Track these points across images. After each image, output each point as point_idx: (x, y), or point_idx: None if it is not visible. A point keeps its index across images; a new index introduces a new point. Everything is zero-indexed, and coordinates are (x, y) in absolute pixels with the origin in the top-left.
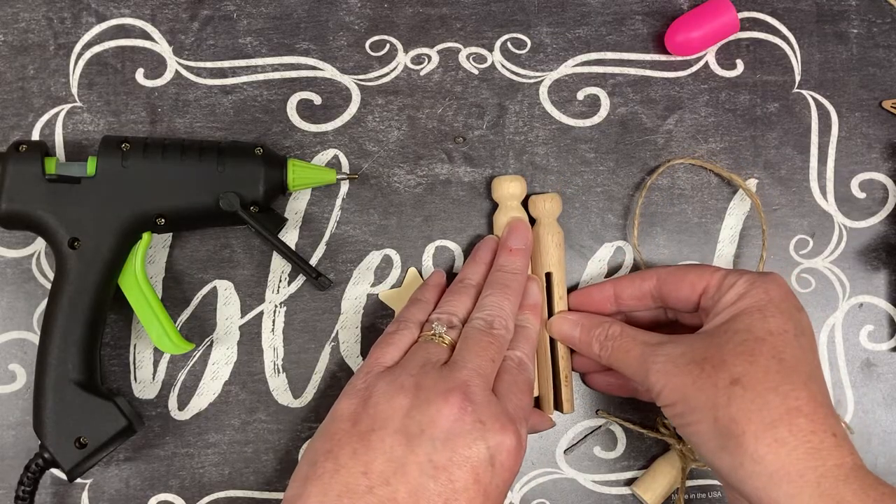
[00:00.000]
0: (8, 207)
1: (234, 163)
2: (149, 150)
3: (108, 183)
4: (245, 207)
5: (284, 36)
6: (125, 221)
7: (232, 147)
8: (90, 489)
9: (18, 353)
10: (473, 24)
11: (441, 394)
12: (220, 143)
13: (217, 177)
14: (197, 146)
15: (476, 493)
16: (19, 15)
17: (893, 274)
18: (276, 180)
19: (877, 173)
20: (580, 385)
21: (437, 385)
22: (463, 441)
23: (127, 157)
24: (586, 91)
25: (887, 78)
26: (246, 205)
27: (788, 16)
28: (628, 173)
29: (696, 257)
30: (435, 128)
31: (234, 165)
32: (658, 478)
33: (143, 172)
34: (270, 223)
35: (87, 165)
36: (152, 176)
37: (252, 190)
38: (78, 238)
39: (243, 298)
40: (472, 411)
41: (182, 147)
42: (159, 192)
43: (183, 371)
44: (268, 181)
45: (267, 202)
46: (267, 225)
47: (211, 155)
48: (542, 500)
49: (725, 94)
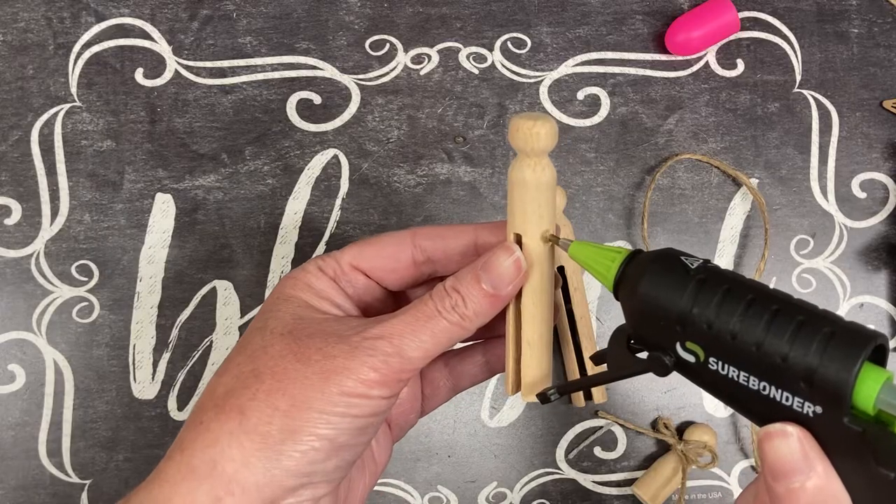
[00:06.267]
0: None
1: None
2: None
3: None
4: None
5: (284, 35)
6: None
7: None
8: (90, 489)
9: (18, 354)
10: (473, 24)
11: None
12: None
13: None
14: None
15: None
16: (18, 14)
17: (894, 274)
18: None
19: (877, 173)
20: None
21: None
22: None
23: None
24: (586, 91)
25: (888, 78)
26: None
27: (789, 15)
28: (628, 173)
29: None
30: (435, 127)
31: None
32: (658, 478)
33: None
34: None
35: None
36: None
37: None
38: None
39: (243, 298)
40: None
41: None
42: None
43: (182, 371)
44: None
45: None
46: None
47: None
48: (543, 500)
49: (726, 93)
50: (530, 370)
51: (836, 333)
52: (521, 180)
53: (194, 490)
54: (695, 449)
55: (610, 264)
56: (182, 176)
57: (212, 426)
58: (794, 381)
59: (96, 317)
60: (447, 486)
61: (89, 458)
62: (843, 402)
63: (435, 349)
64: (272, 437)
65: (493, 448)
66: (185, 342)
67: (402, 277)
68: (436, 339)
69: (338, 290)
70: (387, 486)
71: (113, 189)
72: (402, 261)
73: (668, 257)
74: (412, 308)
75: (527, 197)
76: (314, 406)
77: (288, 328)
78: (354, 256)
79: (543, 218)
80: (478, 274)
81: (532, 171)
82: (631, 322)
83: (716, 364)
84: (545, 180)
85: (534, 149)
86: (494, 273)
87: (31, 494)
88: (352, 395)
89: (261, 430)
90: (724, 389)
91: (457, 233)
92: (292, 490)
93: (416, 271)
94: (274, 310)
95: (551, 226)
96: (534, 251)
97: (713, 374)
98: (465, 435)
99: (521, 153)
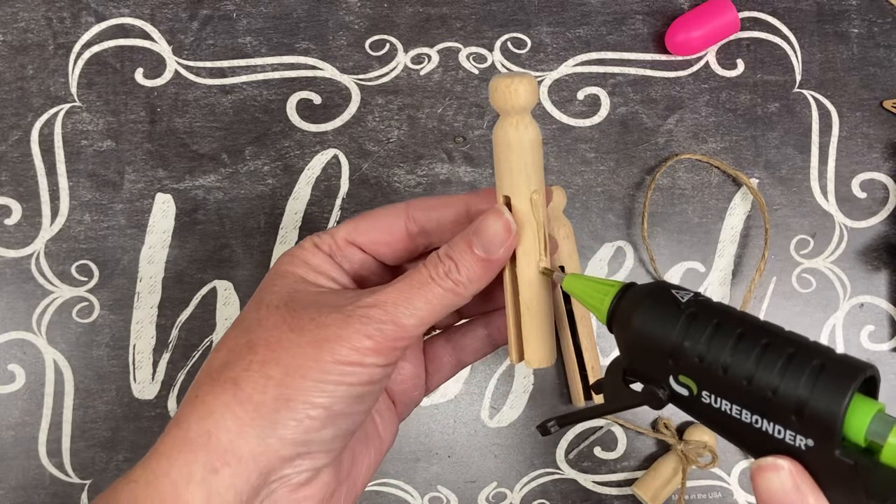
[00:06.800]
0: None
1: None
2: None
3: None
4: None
5: (284, 35)
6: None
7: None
8: (89, 489)
9: (18, 354)
10: (473, 24)
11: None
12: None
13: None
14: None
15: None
16: (18, 14)
17: (894, 274)
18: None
19: (877, 173)
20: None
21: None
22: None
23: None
24: (586, 91)
25: (888, 78)
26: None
27: (789, 15)
28: (628, 173)
29: (696, 257)
30: (435, 128)
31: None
32: (658, 478)
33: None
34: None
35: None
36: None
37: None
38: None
39: (243, 298)
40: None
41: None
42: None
43: (182, 371)
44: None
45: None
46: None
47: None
48: (543, 500)
49: (726, 93)
50: (532, 334)
51: (826, 366)
52: (504, 141)
53: (191, 462)
54: (695, 449)
55: (603, 297)
56: (182, 176)
57: (207, 399)
58: (784, 414)
59: (96, 317)
60: (447, 486)
61: (89, 458)
62: (834, 435)
63: (430, 316)
64: (266, 407)
65: (493, 448)
66: (185, 342)
67: (396, 250)
68: (430, 305)
69: (334, 265)
70: (387, 486)
71: (113, 189)
72: (396, 233)
73: (659, 291)
74: (406, 276)
75: (511, 157)
76: (308, 375)
77: (283, 301)
78: (349, 231)
79: (531, 178)
80: (470, 239)
81: (514, 129)
82: (625, 355)
83: (709, 397)
84: (528, 138)
85: (514, 106)
86: (485, 237)
87: (30, 494)
88: (345, 362)
89: (255, 400)
90: (718, 422)
91: (449, 202)
92: (289, 460)
93: (411, 243)
94: (270, 286)
95: (539, 185)
96: (523, 212)
97: (707, 407)
98: (465, 435)
99: (503, 113)
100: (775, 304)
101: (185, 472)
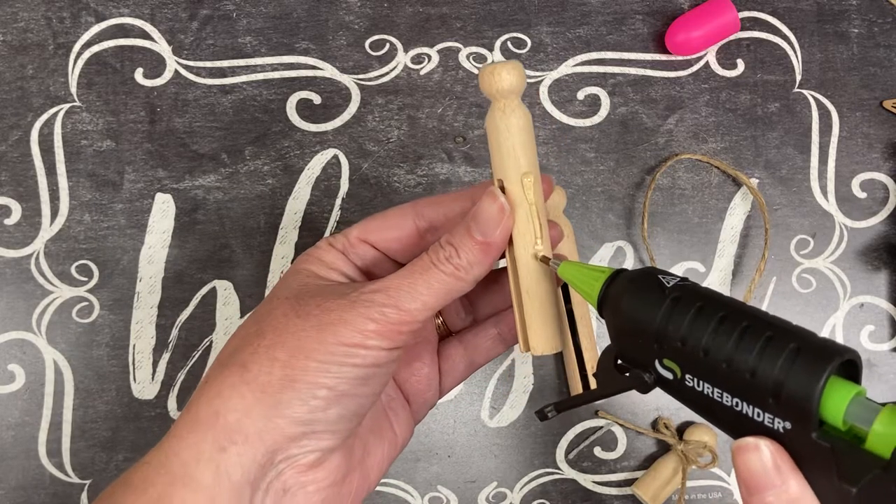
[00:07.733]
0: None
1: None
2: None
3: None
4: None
5: (284, 35)
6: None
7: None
8: (89, 489)
9: (18, 354)
10: (473, 24)
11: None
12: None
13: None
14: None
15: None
16: (18, 14)
17: (894, 274)
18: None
19: (877, 173)
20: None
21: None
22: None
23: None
24: (586, 91)
25: (888, 77)
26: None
27: (789, 15)
28: (628, 173)
29: (696, 257)
30: (435, 127)
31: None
32: (658, 478)
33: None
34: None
35: None
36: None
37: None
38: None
39: (243, 298)
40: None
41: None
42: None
43: (182, 371)
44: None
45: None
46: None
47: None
48: (543, 500)
49: (726, 93)
50: (534, 321)
51: (803, 349)
52: (492, 125)
53: (200, 441)
54: (695, 449)
55: (594, 283)
56: (182, 176)
57: (215, 381)
58: (763, 396)
59: (96, 317)
60: (447, 486)
61: (89, 458)
62: (810, 418)
63: (432, 300)
64: (272, 387)
65: (493, 448)
66: (185, 342)
67: (407, 246)
68: (432, 290)
69: (346, 262)
70: (387, 486)
71: (113, 189)
72: (406, 229)
73: (646, 276)
74: (410, 264)
75: (500, 140)
76: (312, 356)
77: (293, 293)
78: (361, 230)
79: (519, 160)
80: (469, 225)
81: (502, 113)
82: (614, 340)
83: (692, 381)
84: (516, 122)
85: (499, 90)
86: (481, 219)
87: (30, 494)
88: (349, 344)
89: (261, 381)
90: (701, 405)
91: (455, 198)
92: (295, 439)
93: (421, 239)
94: (284, 281)
95: (530, 168)
96: (515, 194)
97: (690, 390)
98: (465, 435)
99: (492, 99)
100: (775, 304)
101: (195, 451)
